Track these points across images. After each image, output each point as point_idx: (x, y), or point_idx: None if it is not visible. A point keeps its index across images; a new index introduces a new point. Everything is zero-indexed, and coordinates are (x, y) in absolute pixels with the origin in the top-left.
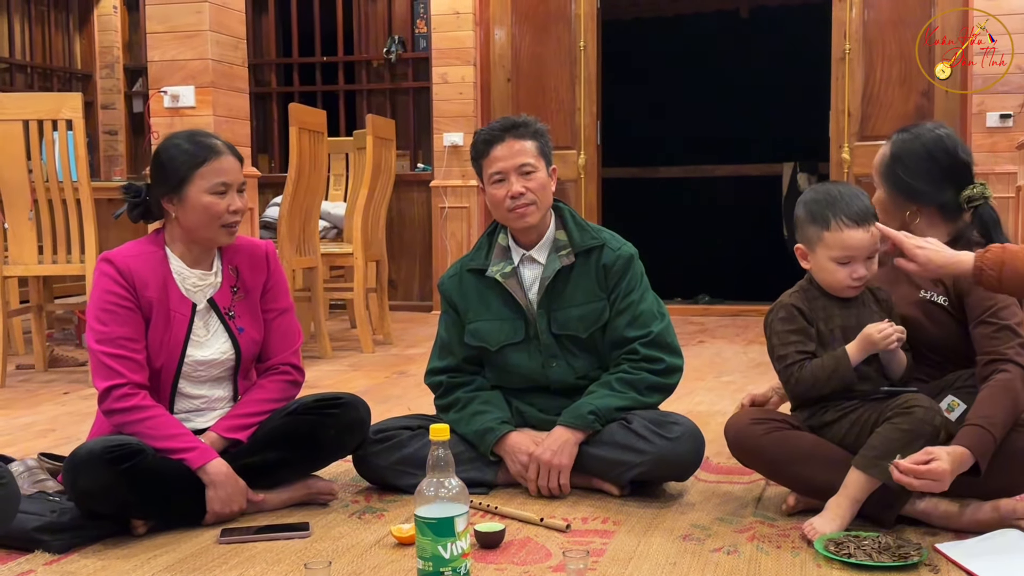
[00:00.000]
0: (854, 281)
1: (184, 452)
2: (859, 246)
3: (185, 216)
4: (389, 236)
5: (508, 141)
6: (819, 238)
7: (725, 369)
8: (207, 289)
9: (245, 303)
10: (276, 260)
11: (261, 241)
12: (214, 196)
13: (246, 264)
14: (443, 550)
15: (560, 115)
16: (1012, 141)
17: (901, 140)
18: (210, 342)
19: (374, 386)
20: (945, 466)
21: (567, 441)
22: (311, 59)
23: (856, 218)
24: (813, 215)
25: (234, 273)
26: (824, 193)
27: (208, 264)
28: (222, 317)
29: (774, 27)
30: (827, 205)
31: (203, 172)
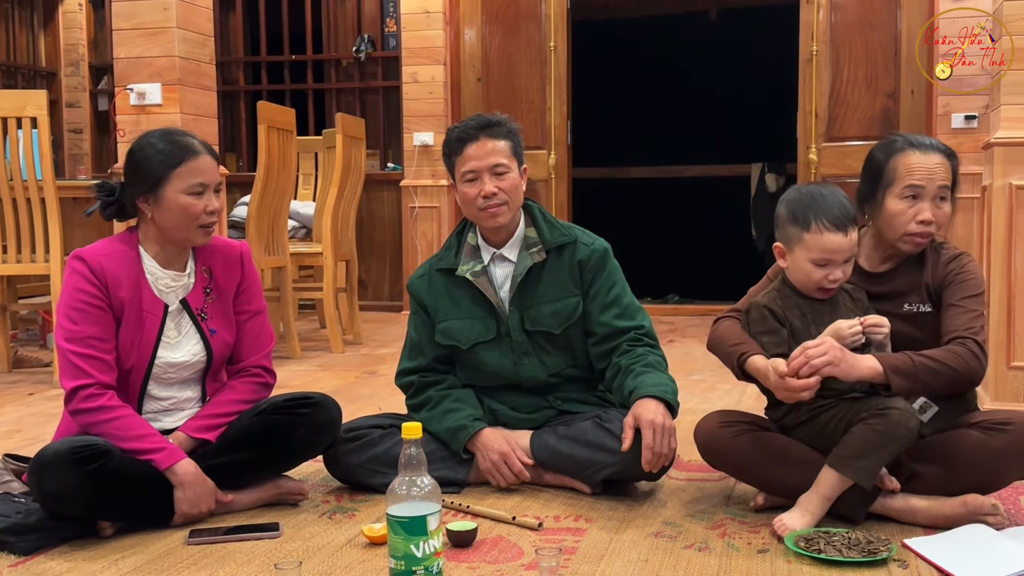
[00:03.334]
0: (829, 283)
1: (152, 453)
2: (837, 249)
3: (161, 216)
4: (359, 236)
5: (482, 140)
6: (798, 239)
7: (695, 368)
8: (179, 290)
9: (218, 305)
10: (251, 262)
11: (236, 242)
12: (191, 197)
13: (220, 265)
14: (415, 549)
15: (531, 115)
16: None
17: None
18: (181, 344)
19: (344, 386)
20: (833, 350)
21: (660, 406)
22: (280, 57)
23: (836, 222)
24: (794, 215)
25: (207, 274)
26: (807, 194)
27: (181, 265)
28: (194, 318)
29: (742, 29)
30: (808, 207)
31: (180, 172)
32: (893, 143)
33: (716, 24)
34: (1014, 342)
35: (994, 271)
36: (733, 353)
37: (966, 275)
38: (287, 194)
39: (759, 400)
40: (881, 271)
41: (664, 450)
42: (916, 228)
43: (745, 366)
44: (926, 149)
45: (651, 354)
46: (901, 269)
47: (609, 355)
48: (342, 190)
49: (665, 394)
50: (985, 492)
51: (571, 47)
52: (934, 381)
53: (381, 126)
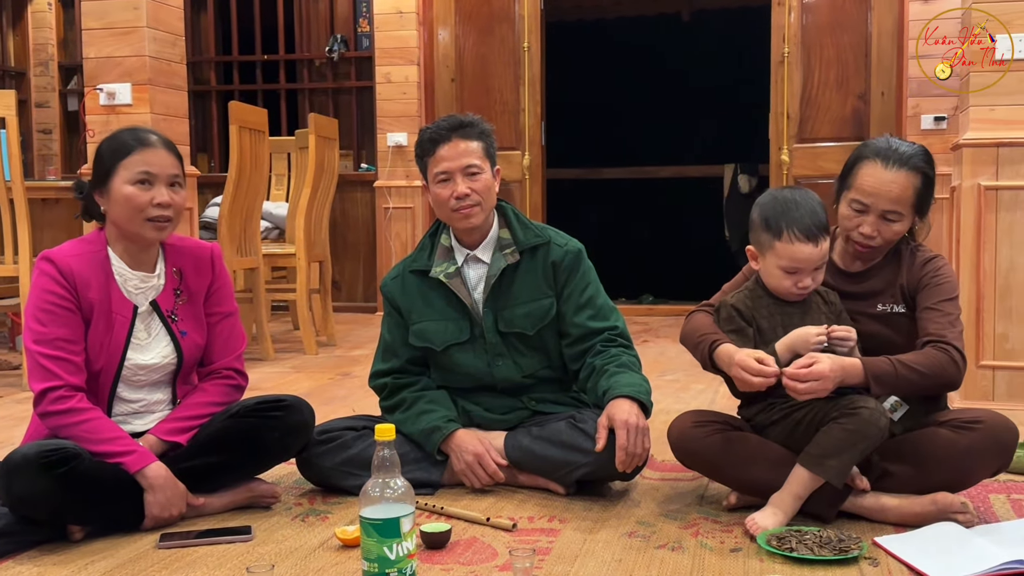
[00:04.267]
0: (799, 289)
1: (122, 456)
2: (807, 259)
3: (112, 209)
4: (332, 237)
5: (454, 141)
6: (770, 246)
7: (669, 368)
8: (149, 291)
9: (188, 306)
10: (221, 263)
11: (207, 243)
12: (136, 187)
13: (190, 267)
14: (389, 551)
15: (505, 116)
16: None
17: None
18: (151, 345)
19: (317, 388)
20: (824, 368)
21: (634, 406)
22: (251, 57)
23: (807, 233)
24: (767, 222)
25: (178, 276)
26: (781, 201)
27: (151, 266)
28: (164, 320)
29: (715, 30)
30: (782, 214)
31: (127, 163)
32: (867, 147)
33: (689, 25)
34: (983, 341)
35: (963, 271)
36: (703, 342)
37: (941, 278)
38: (259, 195)
39: (732, 400)
40: (855, 271)
41: (638, 450)
42: (856, 237)
43: (714, 355)
44: (891, 164)
45: (625, 354)
46: (875, 269)
47: (583, 356)
48: (315, 191)
49: (639, 394)
50: (955, 490)
51: (545, 48)
52: (913, 388)
53: (354, 126)
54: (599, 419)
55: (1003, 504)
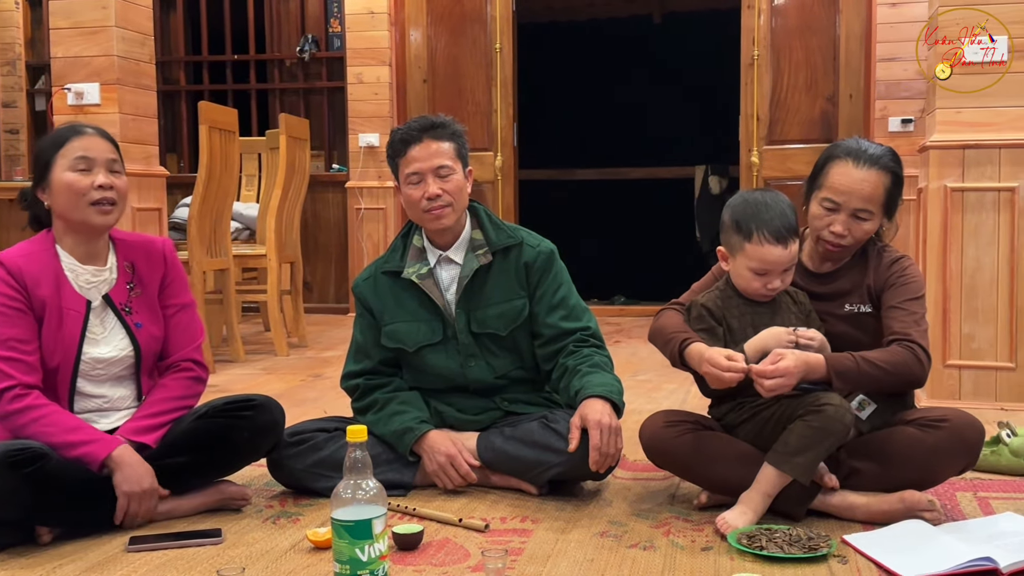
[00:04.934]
0: (768, 290)
1: (86, 445)
2: (776, 262)
3: (55, 202)
4: (304, 238)
5: (426, 141)
6: (740, 247)
7: (641, 368)
8: (102, 285)
9: (143, 299)
10: (174, 255)
11: (158, 238)
12: (76, 173)
13: (142, 260)
14: (360, 553)
15: (477, 117)
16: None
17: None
18: (107, 339)
19: (289, 389)
20: (790, 363)
21: (606, 406)
22: (221, 57)
23: (777, 235)
24: (738, 224)
25: (130, 269)
26: (752, 203)
27: (102, 260)
28: (118, 313)
29: (686, 32)
30: (752, 216)
31: (64, 151)
32: (837, 147)
33: (660, 27)
34: (949, 341)
35: (930, 272)
36: (673, 341)
37: (907, 278)
38: (229, 195)
39: (703, 400)
40: (824, 271)
41: (611, 450)
42: (827, 236)
43: (684, 353)
44: (862, 163)
45: (597, 355)
46: (843, 270)
47: (555, 356)
48: (286, 191)
49: (611, 394)
50: (922, 488)
51: (517, 49)
52: (876, 384)
53: (326, 127)
54: (572, 419)
55: (970, 502)
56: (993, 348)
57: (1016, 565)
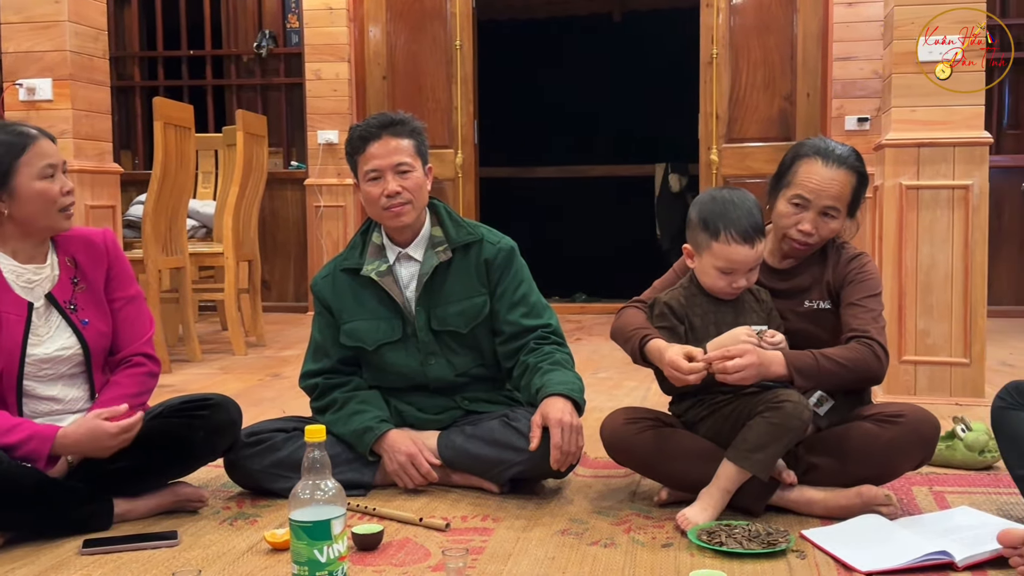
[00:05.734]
0: (733, 289)
1: (26, 444)
2: (743, 261)
3: (20, 209)
4: (262, 235)
5: (385, 139)
6: (707, 245)
7: (602, 366)
8: (44, 283)
9: (88, 295)
10: (116, 247)
11: (97, 230)
12: (45, 181)
13: (84, 254)
14: (319, 554)
15: (437, 114)
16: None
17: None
18: (52, 338)
19: (246, 389)
20: (753, 357)
21: (567, 404)
22: (177, 52)
23: (744, 235)
24: (705, 222)
25: (72, 264)
26: (720, 202)
27: (42, 257)
28: (63, 311)
29: (646, 31)
30: (720, 215)
31: (26, 159)
32: (803, 146)
33: (620, 26)
34: (905, 337)
35: (886, 269)
36: (635, 337)
37: (865, 275)
38: (185, 193)
39: (664, 396)
40: (784, 267)
41: (572, 448)
42: (795, 235)
43: (645, 350)
44: (830, 162)
45: (558, 352)
46: (803, 266)
47: (516, 354)
48: (243, 189)
49: (572, 392)
50: (879, 483)
51: (477, 46)
52: (836, 381)
53: (284, 124)
54: (533, 418)
55: (926, 496)
56: (948, 344)
57: (971, 559)
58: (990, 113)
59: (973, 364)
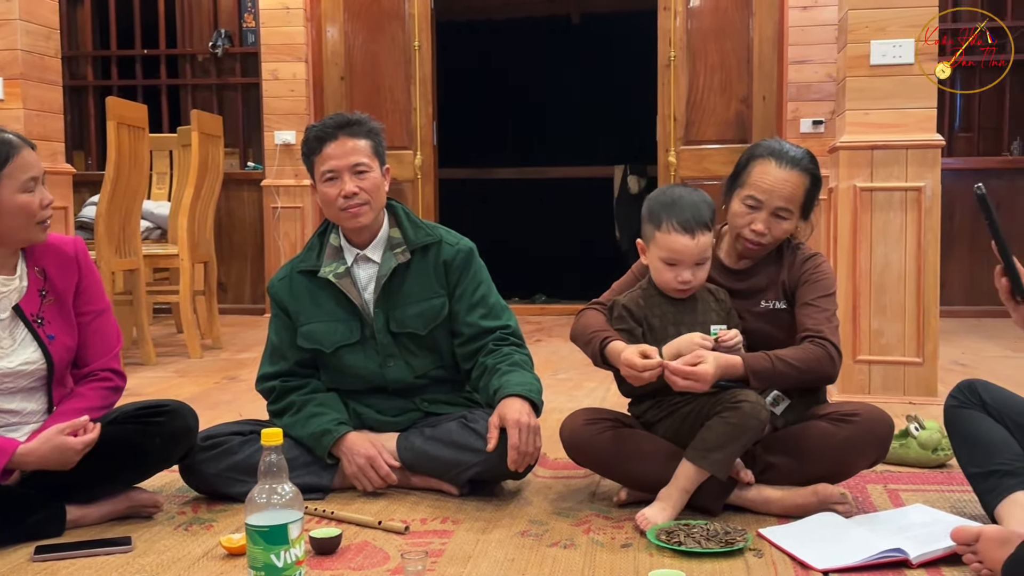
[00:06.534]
0: (679, 284)
1: None
2: (683, 251)
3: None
4: (218, 237)
5: (341, 139)
6: (652, 236)
7: (561, 367)
8: (12, 295)
9: (56, 307)
10: (87, 257)
11: (68, 238)
12: (27, 195)
13: (54, 265)
14: (276, 559)
15: (396, 115)
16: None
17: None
18: (16, 352)
19: (202, 392)
20: (709, 369)
21: (525, 405)
22: (131, 52)
23: (684, 225)
24: (651, 214)
25: (41, 276)
26: (667, 195)
27: (10, 269)
28: (29, 325)
29: (603, 33)
30: (664, 207)
31: (9, 172)
32: (759, 147)
33: (578, 28)
34: (859, 337)
35: (840, 269)
36: (595, 339)
37: (820, 275)
38: (139, 194)
39: (623, 397)
40: (740, 268)
41: (529, 449)
42: (748, 234)
43: (605, 351)
44: (784, 163)
45: (517, 353)
46: (759, 267)
47: (475, 355)
48: (199, 190)
49: (530, 393)
50: (835, 481)
51: (436, 47)
52: (791, 382)
53: (240, 124)
54: (490, 419)
55: (880, 494)
56: (901, 343)
57: (925, 556)
58: (942, 116)
59: (926, 363)
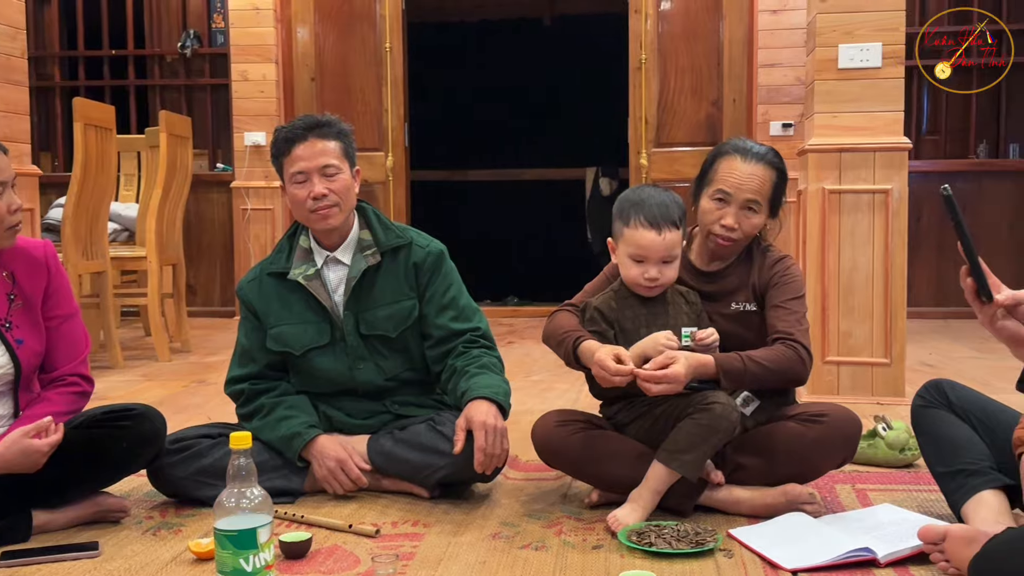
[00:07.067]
0: (646, 281)
1: None
2: (649, 247)
3: None
4: (187, 239)
5: (311, 140)
6: (620, 233)
7: (534, 369)
8: None
9: (24, 312)
10: (56, 261)
11: (37, 241)
12: None
13: (23, 269)
14: (245, 563)
15: (367, 116)
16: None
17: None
18: None
19: (170, 396)
20: (680, 369)
21: (492, 408)
22: (98, 52)
23: (651, 221)
24: (621, 212)
25: (10, 279)
26: (637, 195)
27: None
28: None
29: (575, 35)
30: (633, 205)
31: None
32: (724, 145)
33: (551, 30)
34: (828, 338)
35: (809, 271)
36: (567, 340)
37: (789, 277)
38: (106, 195)
39: (595, 399)
40: (711, 270)
41: (496, 451)
42: (718, 230)
43: (577, 351)
44: (749, 158)
45: (486, 355)
46: (730, 268)
47: (445, 357)
48: (167, 191)
49: (497, 396)
50: (804, 481)
51: (407, 48)
52: (762, 383)
53: (209, 125)
54: (457, 421)
55: (849, 494)
56: (869, 344)
57: (893, 555)
58: (909, 119)
59: (894, 364)
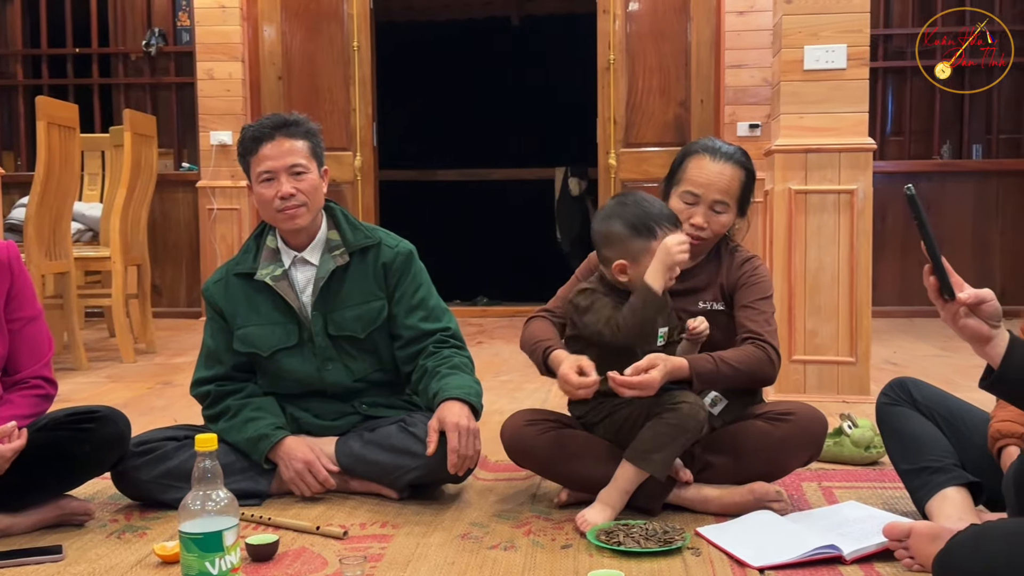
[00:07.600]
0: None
1: None
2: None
3: None
4: (152, 239)
5: (278, 139)
6: (646, 248)
7: (503, 369)
8: None
9: None
10: (20, 262)
11: (1, 242)
12: None
13: None
14: (211, 566)
15: (335, 115)
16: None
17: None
18: None
19: (135, 398)
20: (657, 376)
21: (464, 408)
22: (62, 50)
23: (673, 221)
24: (636, 228)
25: None
26: (635, 204)
27: None
28: None
29: (544, 35)
30: (646, 216)
31: None
32: (693, 145)
33: (519, 30)
34: (795, 337)
35: (776, 271)
36: (538, 348)
37: (757, 277)
38: (70, 195)
39: (564, 398)
40: None
41: (469, 452)
42: (688, 230)
43: (548, 360)
44: (718, 157)
45: (457, 356)
46: (698, 268)
47: (415, 358)
48: (132, 191)
49: (469, 396)
50: (771, 479)
51: (375, 48)
52: (732, 383)
53: (175, 124)
54: (430, 422)
55: (815, 491)
56: (835, 343)
57: (859, 552)
58: (874, 120)
59: (859, 363)
